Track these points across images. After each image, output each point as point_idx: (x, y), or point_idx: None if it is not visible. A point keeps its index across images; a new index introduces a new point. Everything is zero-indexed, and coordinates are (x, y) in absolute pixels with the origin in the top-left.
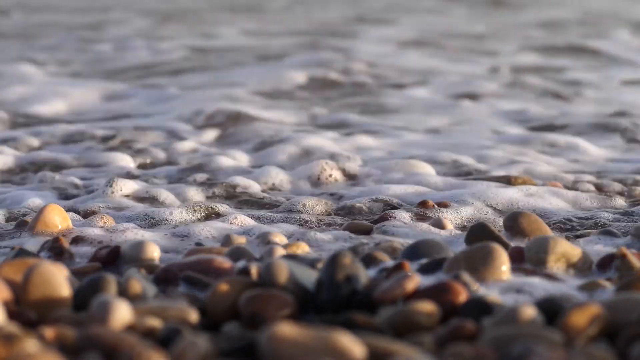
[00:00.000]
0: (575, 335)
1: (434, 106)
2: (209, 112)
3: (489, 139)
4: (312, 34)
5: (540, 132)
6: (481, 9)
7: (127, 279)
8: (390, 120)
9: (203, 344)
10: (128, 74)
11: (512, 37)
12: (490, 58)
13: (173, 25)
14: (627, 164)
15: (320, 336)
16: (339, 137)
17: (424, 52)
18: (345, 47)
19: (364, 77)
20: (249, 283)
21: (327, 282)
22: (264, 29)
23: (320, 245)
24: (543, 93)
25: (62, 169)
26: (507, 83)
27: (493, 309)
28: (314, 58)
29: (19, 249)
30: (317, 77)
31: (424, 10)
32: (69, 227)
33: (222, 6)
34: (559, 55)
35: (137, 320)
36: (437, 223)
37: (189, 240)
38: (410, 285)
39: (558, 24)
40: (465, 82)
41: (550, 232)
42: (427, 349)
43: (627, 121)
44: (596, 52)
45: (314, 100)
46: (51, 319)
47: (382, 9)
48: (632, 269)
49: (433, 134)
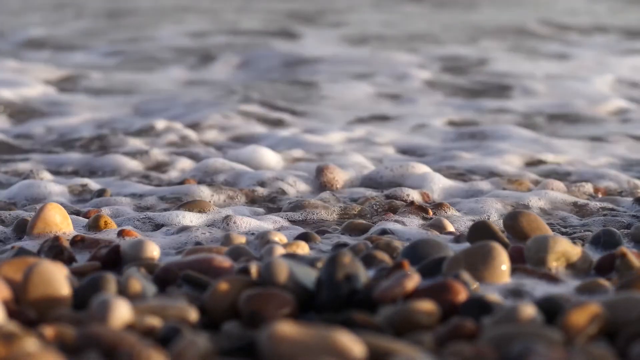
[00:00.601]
0: (575, 335)
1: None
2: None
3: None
4: (254, 33)
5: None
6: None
7: (126, 278)
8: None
9: (203, 343)
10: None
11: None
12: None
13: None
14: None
15: (320, 335)
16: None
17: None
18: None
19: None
20: (249, 282)
21: (327, 281)
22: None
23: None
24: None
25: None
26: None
27: (493, 308)
28: (253, 57)
29: (19, 248)
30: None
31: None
32: (69, 226)
33: (165, 7)
34: (490, 51)
35: (136, 319)
36: (438, 223)
37: (189, 240)
38: (410, 284)
39: (503, 25)
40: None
41: (550, 231)
42: (427, 348)
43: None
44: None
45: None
46: (51, 318)
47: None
48: (632, 268)
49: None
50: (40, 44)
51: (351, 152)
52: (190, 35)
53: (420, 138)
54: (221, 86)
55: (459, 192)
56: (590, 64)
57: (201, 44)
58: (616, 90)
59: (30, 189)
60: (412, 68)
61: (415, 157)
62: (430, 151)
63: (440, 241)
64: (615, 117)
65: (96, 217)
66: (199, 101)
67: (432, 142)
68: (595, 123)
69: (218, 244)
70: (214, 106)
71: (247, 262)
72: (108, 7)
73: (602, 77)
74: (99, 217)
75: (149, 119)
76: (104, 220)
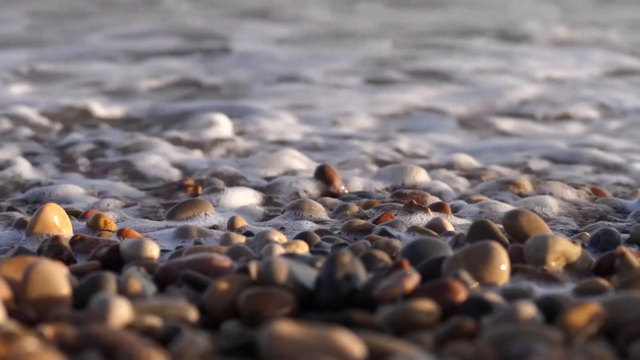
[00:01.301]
0: (575, 334)
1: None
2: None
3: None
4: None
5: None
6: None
7: (126, 277)
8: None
9: (202, 342)
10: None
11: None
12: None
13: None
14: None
15: (319, 335)
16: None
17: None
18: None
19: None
20: (249, 281)
21: (327, 280)
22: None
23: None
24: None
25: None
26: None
27: (493, 307)
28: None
29: (18, 247)
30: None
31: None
32: (68, 227)
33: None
34: (426, 50)
35: (136, 319)
36: (437, 223)
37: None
38: (410, 283)
39: (451, 25)
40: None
41: (549, 231)
42: (426, 348)
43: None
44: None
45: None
46: (51, 318)
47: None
48: (632, 268)
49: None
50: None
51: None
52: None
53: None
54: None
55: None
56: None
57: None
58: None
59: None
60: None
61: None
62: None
63: (439, 241)
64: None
65: (95, 216)
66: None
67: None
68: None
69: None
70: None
71: (246, 262)
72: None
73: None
74: (98, 217)
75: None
76: (103, 220)
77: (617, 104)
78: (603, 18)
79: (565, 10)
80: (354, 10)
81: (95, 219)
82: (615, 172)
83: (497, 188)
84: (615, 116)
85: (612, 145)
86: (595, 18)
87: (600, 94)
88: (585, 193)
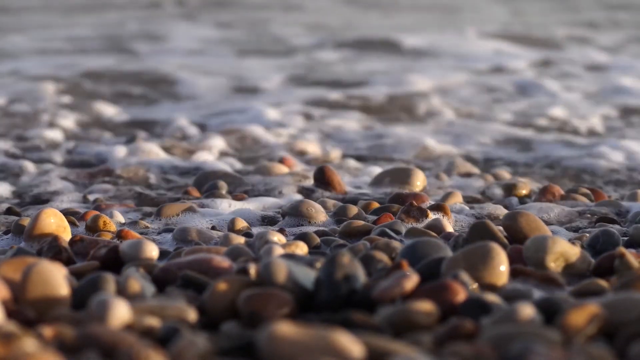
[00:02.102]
0: (574, 335)
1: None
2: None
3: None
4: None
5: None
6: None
7: (125, 278)
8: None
9: (202, 342)
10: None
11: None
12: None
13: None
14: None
15: (319, 335)
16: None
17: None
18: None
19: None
20: (248, 282)
21: (326, 281)
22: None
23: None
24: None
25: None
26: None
27: (492, 308)
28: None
29: (18, 248)
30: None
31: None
32: (65, 231)
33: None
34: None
35: (136, 319)
36: (437, 224)
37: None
38: (409, 284)
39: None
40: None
41: (549, 232)
42: (426, 348)
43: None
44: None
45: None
46: (50, 318)
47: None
48: (631, 268)
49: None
50: None
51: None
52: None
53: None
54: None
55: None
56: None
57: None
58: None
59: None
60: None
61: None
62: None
63: (439, 241)
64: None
65: (95, 217)
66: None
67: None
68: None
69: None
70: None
71: (246, 262)
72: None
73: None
74: (97, 218)
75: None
76: (102, 221)
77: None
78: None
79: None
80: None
81: (94, 220)
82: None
83: (497, 190)
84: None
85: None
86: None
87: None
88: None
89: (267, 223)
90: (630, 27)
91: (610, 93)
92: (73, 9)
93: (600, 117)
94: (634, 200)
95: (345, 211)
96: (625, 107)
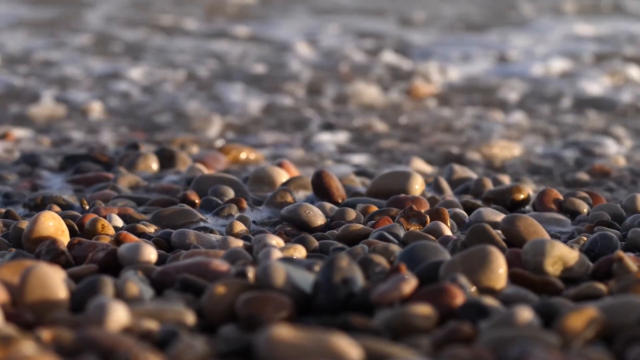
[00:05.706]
0: (573, 338)
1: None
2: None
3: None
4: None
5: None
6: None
7: (124, 281)
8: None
9: (200, 346)
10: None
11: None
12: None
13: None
14: None
15: (317, 338)
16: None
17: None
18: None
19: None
20: (246, 285)
21: (325, 284)
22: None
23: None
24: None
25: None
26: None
27: (490, 311)
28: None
29: (16, 251)
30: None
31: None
32: (64, 235)
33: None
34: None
35: (134, 322)
36: (435, 228)
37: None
38: (408, 287)
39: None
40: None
41: (547, 235)
42: (424, 352)
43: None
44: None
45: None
46: (48, 321)
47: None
48: (629, 272)
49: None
50: None
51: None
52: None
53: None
54: None
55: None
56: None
57: None
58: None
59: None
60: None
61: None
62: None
63: (437, 245)
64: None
65: (93, 220)
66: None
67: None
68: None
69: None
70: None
71: (244, 266)
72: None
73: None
74: (96, 221)
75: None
76: (101, 224)
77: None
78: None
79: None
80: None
81: (92, 223)
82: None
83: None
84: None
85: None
86: None
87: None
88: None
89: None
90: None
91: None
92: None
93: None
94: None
95: (343, 215)
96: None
